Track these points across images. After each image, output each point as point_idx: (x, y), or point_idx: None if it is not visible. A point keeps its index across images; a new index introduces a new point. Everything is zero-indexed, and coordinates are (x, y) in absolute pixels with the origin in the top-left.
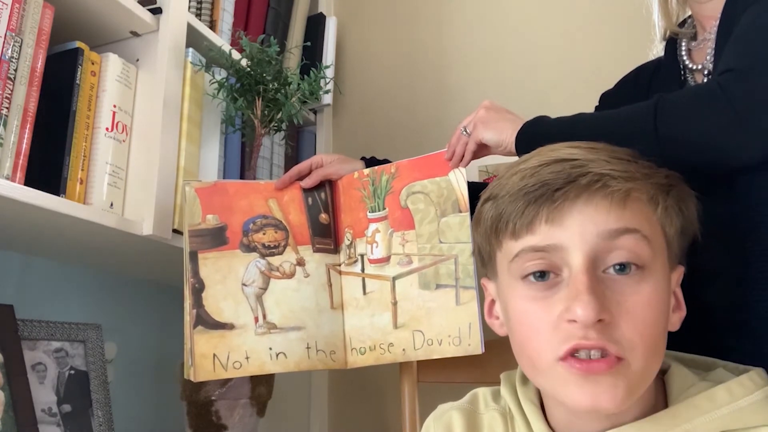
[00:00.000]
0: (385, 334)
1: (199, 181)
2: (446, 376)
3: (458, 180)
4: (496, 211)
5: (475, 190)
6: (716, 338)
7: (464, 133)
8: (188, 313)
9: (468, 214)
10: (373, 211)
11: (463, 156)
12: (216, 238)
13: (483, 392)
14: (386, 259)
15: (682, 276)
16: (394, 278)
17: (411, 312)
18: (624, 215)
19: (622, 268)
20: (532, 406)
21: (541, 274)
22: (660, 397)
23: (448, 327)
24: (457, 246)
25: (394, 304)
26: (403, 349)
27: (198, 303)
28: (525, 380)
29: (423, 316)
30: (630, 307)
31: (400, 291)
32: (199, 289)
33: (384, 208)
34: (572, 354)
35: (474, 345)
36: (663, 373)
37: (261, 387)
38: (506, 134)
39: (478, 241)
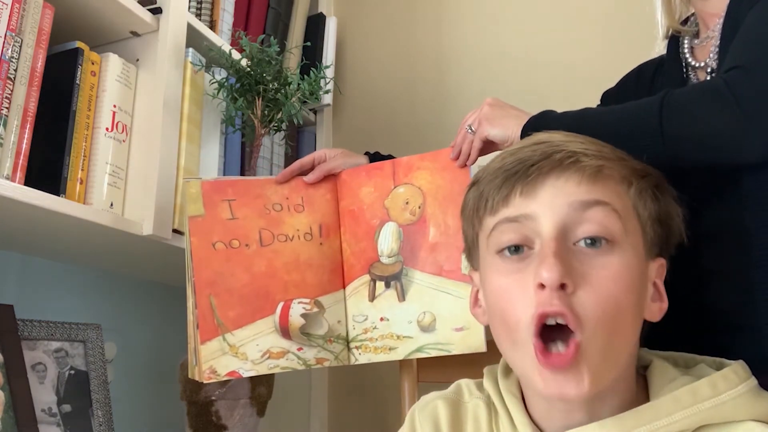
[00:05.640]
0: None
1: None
2: (446, 376)
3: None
4: (478, 192)
5: None
6: (714, 339)
7: (469, 131)
8: (191, 312)
9: None
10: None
11: (469, 154)
12: None
13: (466, 383)
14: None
15: (665, 269)
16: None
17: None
18: (595, 189)
19: (593, 242)
20: (513, 399)
21: (516, 249)
22: (642, 391)
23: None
24: None
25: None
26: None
27: None
28: (507, 373)
29: None
30: (594, 281)
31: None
32: None
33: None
34: (541, 331)
35: None
36: (645, 369)
37: (261, 387)
38: (511, 130)
39: (464, 228)
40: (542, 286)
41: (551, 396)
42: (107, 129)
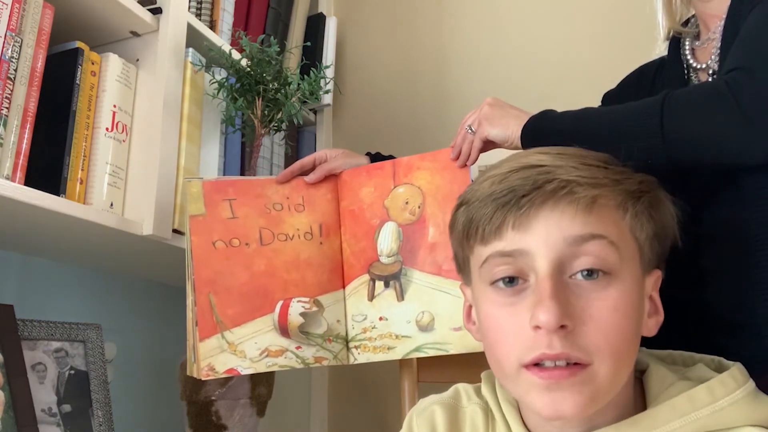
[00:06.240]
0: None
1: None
2: (447, 376)
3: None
4: (468, 216)
5: None
6: (712, 337)
7: (469, 131)
8: (191, 310)
9: None
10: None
11: (469, 154)
12: None
13: (464, 387)
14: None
15: (661, 279)
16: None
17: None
18: (590, 221)
19: (589, 273)
20: (510, 408)
21: (510, 280)
22: (639, 398)
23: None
24: None
25: None
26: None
27: None
28: None
29: None
30: (595, 313)
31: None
32: None
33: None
34: (537, 364)
35: None
36: (641, 373)
37: (261, 387)
38: (511, 130)
39: (454, 246)
40: (539, 328)
41: (549, 418)
42: (107, 129)
